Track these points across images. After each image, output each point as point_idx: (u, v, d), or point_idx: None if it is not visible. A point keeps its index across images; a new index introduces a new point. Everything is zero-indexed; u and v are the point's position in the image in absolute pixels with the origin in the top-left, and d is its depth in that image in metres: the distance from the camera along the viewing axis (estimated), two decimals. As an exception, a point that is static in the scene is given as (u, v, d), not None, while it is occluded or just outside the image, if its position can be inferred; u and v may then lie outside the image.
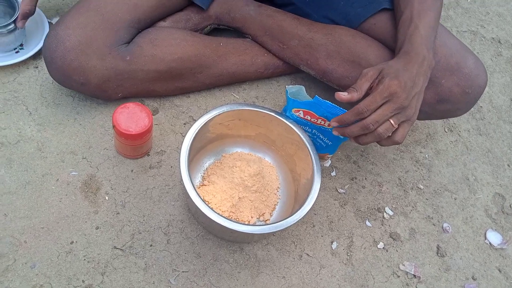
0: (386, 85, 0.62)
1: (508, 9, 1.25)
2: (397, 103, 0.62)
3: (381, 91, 0.62)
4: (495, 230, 0.86)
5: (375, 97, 0.62)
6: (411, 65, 0.65)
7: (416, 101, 0.65)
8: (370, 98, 0.62)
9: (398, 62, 0.66)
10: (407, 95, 0.63)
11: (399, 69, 0.64)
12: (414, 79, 0.64)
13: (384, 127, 0.63)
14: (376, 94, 0.62)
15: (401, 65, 0.65)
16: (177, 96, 0.87)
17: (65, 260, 0.68)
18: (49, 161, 0.76)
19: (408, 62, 0.65)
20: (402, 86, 0.62)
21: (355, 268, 0.76)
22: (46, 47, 0.72)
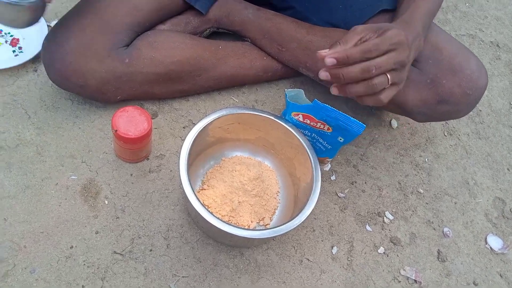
0: (395, 33, 0.58)
1: (506, 13, 1.25)
2: (401, 55, 0.59)
3: (390, 36, 0.58)
4: (496, 234, 0.86)
5: (384, 40, 0.58)
6: (407, 33, 0.62)
7: (408, 66, 0.62)
8: (379, 40, 0.58)
9: (396, 26, 0.63)
10: (410, 53, 0.60)
11: (400, 28, 0.61)
12: (411, 45, 0.61)
13: (380, 79, 0.59)
14: (386, 38, 0.58)
15: (399, 27, 0.62)
16: (176, 99, 0.87)
17: (65, 265, 0.67)
18: (48, 165, 0.75)
19: (405, 29, 0.62)
20: (410, 41, 0.60)
21: (356, 273, 0.76)
22: (45, 50, 0.72)
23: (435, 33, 0.74)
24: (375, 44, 0.57)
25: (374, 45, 0.57)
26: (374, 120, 0.94)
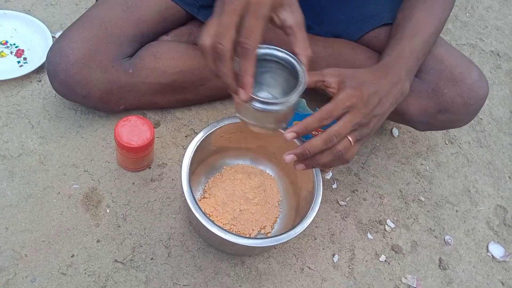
0: (348, 95, 0.56)
1: (506, 23, 1.26)
2: (357, 117, 0.56)
3: (342, 99, 0.56)
4: (497, 242, 0.86)
5: (337, 105, 0.55)
6: (384, 81, 0.60)
7: (376, 122, 0.60)
8: (331, 105, 0.55)
9: (370, 73, 0.60)
10: (368, 112, 0.57)
11: (366, 80, 0.58)
12: (382, 98, 0.59)
13: (343, 144, 0.57)
14: (338, 101, 0.56)
15: (371, 77, 0.60)
16: (178, 108, 0.87)
17: (66, 273, 0.68)
18: (50, 174, 0.76)
19: (382, 77, 0.60)
20: (365, 100, 0.57)
21: (357, 281, 0.76)
22: (50, 61, 0.73)
23: (437, 44, 0.74)
24: (328, 111, 0.55)
25: (327, 112, 0.55)
26: (375, 128, 0.94)
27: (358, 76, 0.59)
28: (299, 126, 0.56)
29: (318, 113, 0.56)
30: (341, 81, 0.58)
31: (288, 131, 0.56)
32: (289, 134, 0.56)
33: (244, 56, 0.48)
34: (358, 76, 0.59)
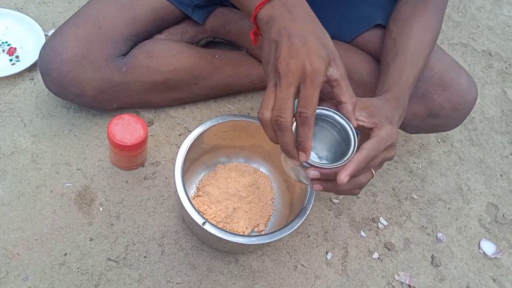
0: (389, 133, 0.53)
1: (497, 23, 1.27)
2: (390, 154, 0.55)
3: (385, 137, 0.53)
4: (489, 239, 0.87)
5: (380, 143, 0.52)
6: (398, 113, 0.59)
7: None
8: (376, 143, 0.52)
9: (388, 106, 0.59)
10: (395, 146, 0.56)
11: (389, 116, 0.57)
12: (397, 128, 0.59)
13: (367, 177, 0.54)
14: (381, 139, 0.52)
15: (390, 111, 0.58)
16: (172, 107, 0.87)
17: (58, 272, 0.67)
18: (43, 173, 0.75)
19: (396, 109, 0.60)
20: (397, 136, 0.55)
21: (350, 278, 0.76)
22: (42, 59, 0.73)
23: None
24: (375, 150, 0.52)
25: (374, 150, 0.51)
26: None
27: (382, 108, 0.57)
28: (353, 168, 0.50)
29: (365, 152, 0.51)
30: (371, 114, 0.55)
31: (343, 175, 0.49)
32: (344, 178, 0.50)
33: (304, 125, 0.49)
34: (382, 108, 0.57)
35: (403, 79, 0.65)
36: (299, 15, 0.52)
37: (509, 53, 1.20)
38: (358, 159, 0.50)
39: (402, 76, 0.65)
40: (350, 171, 0.49)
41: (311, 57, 0.48)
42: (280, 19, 0.52)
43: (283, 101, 0.48)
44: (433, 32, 0.72)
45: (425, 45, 0.70)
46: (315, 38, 0.51)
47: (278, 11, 0.52)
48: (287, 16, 0.52)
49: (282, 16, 0.52)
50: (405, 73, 0.66)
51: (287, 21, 0.51)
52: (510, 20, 1.29)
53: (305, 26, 0.52)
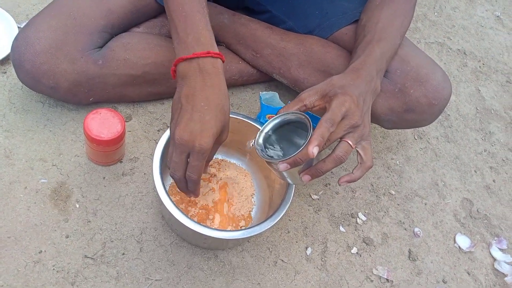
0: (341, 101, 0.58)
1: (472, 23, 1.30)
2: (352, 120, 0.58)
3: (338, 105, 0.57)
4: (464, 234, 0.89)
5: (334, 111, 0.57)
6: (360, 81, 0.62)
7: (368, 118, 0.62)
8: (329, 114, 0.57)
9: (345, 78, 0.63)
10: (360, 112, 0.59)
11: (345, 84, 0.61)
12: (364, 96, 0.62)
13: (343, 149, 0.58)
14: (334, 108, 0.57)
15: (348, 80, 0.62)
16: (151, 102, 0.86)
17: (33, 270, 0.66)
18: (17, 169, 0.73)
19: (357, 78, 0.63)
20: (355, 102, 0.59)
21: (330, 273, 0.77)
22: (15, 50, 0.70)
23: (402, 45, 0.76)
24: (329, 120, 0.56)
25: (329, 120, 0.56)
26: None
27: (335, 83, 0.61)
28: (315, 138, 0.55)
29: (321, 123, 0.56)
30: (323, 95, 0.60)
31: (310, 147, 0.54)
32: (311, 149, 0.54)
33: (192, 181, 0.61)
34: (335, 83, 0.61)
35: (366, 52, 0.67)
36: (210, 85, 0.59)
37: (482, 53, 1.23)
38: (317, 131, 0.55)
39: (365, 50, 0.68)
40: (314, 142, 0.54)
41: (202, 136, 0.57)
42: (192, 83, 0.59)
43: (177, 165, 0.59)
44: (403, 17, 0.73)
45: (393, 28, 0.72)
46: (215, 113, 0.58)
47: (193, 74, 0.59)
48: (199, 83, 0.58)
49: (195, 81, 0.59)
50: (369, 47, 0.68)
51: (197, 88, 0.58)
52: (483, 20, 1.32)
53: (211, 97, 0.58)
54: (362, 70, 0.64)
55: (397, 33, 0.72)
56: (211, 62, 0.60)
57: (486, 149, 1.04)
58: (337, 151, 0.58)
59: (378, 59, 0.67)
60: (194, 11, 0.62)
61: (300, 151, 0.56)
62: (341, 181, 0.62)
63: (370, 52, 0.67)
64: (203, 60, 0.59)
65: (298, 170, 0.60)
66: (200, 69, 0.59)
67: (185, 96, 0.59)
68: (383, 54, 0.68)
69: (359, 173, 0.61)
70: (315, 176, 0.60)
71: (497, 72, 1.21)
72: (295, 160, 0.57)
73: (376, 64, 0.67)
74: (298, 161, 0.57)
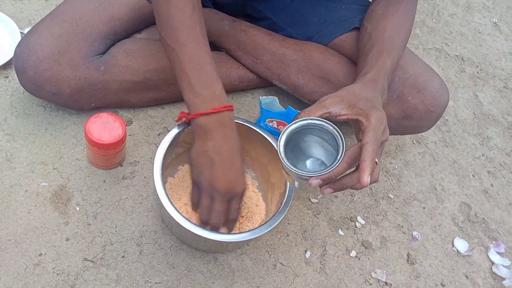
0: (379, 118, 0.55)
1: (469, 29, 1.32)
2: (385, 137, 0.56)
3: (377, 123, 0.55)
4: (462, 237, 0.89)
5: (375, 131, 0.54)
6: (377, 93, 0.61)
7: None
8: (372, 134, 0.53)
9: (366, 89, 0.61)
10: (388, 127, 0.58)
11: (369, 97, 0.59)
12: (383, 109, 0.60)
13: (376, 171, 0.55)
14: (375, 127, 0.54)
15: (369, 92, 0.60)
16: (151, 107, 0.87)
17: (33, 273, 0.66)
18: (18, 172, 0.74)
19: (375, 89, 0.62)
20: (385, 118, 0.57)
21: (329, 276, 0.77)
22: (18, 57, 0.71)
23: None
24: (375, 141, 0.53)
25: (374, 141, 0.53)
26: (346, 127, 0.97)
27: (359, 93, 0.59)
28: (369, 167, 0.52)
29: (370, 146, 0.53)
30: (350, 105, 0.57)
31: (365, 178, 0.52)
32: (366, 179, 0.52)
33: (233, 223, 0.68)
34: (359, 94, 0.59)
35: (379, 63, 0.67)
36: (230, 137, 0.63)
37: (480, 58, 1.25)
38: (369, 156, 0.52)
39: (378, 61, 0.67)
40: (368, 171, 0.51)
41: (241, 181, 0.63)
42: (215, 137, 0.62)
43: (219, 213, 0.63)
44: (406, 29, 0.74)
45: (399, 39, 0.72)
46: (240, 161, 0.64)
47: (214, 128, 0.62)
48: (221, 137, 0.62)
49: (218, 135, 0.62)
50: (381, 58, 0.67)
51: (221, 141, 0.62)
52: (480, 27, 1.34)
53: (234, 147, 0.63)
54: (378, 81, 0.64)
55: (402, 43, 0.73)
56: (228, 115, 0.63)
57: (484, 153, 1.04)
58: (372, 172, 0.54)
59: (389, 70, 0.67)
60: (207, 63, 0.63)
61: (335, 168, 0.53)
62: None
63: (383, 63, 0.66)
64: (222, 114, 0.62)
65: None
66: (220, 123, 0.62)
67: (213, 150, 0.62)
68: (392, 66, 0.68)
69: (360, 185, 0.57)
70: (338, 190, 0.57)
71: (494, 77, 1.22)
72: (330, 177, 0.54)
73: (388, 75, 0.67)
74: (332, 178, 0.54)
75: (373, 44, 0.71)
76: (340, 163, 0.53)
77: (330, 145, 0.58)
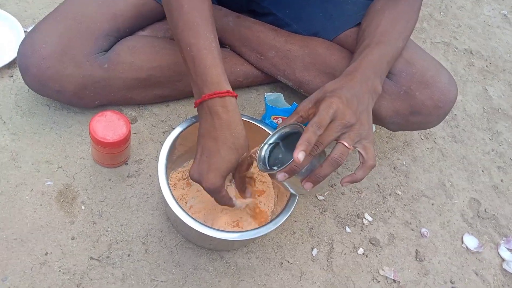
0: (328, 103, 0.58)
1: (478, 22, 1.30)
2: (343, 119, 0.57)
3: (324, 107, 0.57)
4: (471, 234, 0.88)
5: (321, 114, 0.56)
6: (353, 83, 0.62)
7: (366, 117, 0.61)
8: (316, 117, 0.56)
9: (338, 82, 0.63)
10: (353, 111, 0.58)
11: (336, 88, 0.61)
12: (359, 96, 0.61)
13: (338, 151, 0.57)
14: (321, 110, 0.57)
15: (340, 84, 0.62)
16: (156, 104, 0.86)
17: (39, 272, 0.66)
18: (23, 171, 0.74)
19: (350, 80, 0.62)
20: (344, 102, 0.58)
21: (336, 274, 0.76)
22: (21, 55, 0.71)
23: (408, 47, 0.76)
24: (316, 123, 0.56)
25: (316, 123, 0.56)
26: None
27: (327, 88, 0.62)
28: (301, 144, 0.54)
29: (308, 127, 0.55)
30: (315, 102, 0.61)
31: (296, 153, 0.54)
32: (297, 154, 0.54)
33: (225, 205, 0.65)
34: (327, 89, 0.62)
35: (362, 56, 0.67)
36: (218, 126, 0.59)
37: (489, 52, 1.22)
38: (303, 136, 0.55)
39: (362, 54, 0.67)
40: (299, 148, 0.54)
41: (209, 177, 0.59)
42: (203, 126, 0.61)
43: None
44: (405, 22, 0.73)
45: (395, 32, 0.71)
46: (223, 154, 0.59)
47: (204, 117, 0.61)
48: (209, 125, 0.60)
49: (205, 124, 0.60)
50: (366, 51, 0.67)
51: (207, 131, 0.60)
52: (489, 19, 1.31)
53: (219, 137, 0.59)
54: (355, 72, 0.64)
55: (399, 36, 0.71)
56: (219, 102, 0.59)
57: (493, 148, 1.03)
58: (332, 153, 0.57)
59: (376, 61, 0.66)
60: (201, 48, 0.61)
61: (291, 161, 0.55)
62: (343, 181, 0.61)
63: (366, 55, 0.67)
64: (211, 102, 0.59)
65: (300, 179, 0.59)
66: (209, 111, 0.60)
67: (198, 138, 0.61)
68: (382, 56, 0.67)
69: (362, 173, 0.60)
70: (316, 182, 0.58)
71: (504, 71, 1.19)
72: (291, 168, 0.55)
73: (374, 66, 0.66)
74: (294, 168, 0.56)
75: (363, 40, 0.71)
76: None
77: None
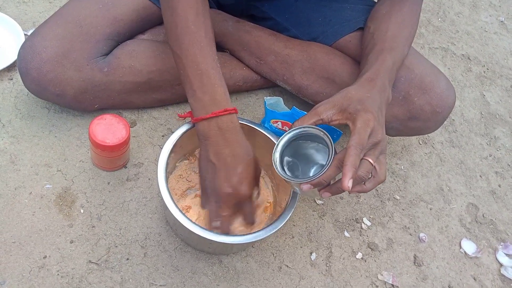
0: (365, 120, 0.56)
1: (475, 28, 1.30)
2: (376, 138, 0.56)
3: (363, 127, 0.55)
4: (470, 239, 0.88)
5: (360, 135, 0.55)
6: (375, 92, 0.61)
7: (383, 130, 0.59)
8: (357, 137, 0.54)
9: (361, 89, 0.61)
10: (382, 128, 0.57)
11: (362, 98, 0.59)
12: (381, 109, 0.60)
13: (365, 168, 0.55)
14: (360, 130, 0.55)
15: (364, 93, 0.60)
16: (155, 108, 0.87)
17: (37, 275, 0.66)
18: (22, 174, 0.74)
19: (372, 88, 0.61)
20: (376, 119, 0.57)
21: (334, 278, 0.76)
22: (22, 58, 0.71)
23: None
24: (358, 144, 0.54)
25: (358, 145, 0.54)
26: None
27: (352, 96, 0.59)
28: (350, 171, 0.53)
29: (351, 150, 0.53)
30: (341, 109, 0.59)
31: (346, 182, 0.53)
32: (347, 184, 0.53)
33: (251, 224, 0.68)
34: (352, 97, 0.59)
35: (379, 62, 0.66)
36: (231, 141, 0.62)
37: (486, 58, 1.23)
38: (349, 160, 0.53)
39: (378, 60, 0.67)
40: (348, 175, 0.53)
41: (242, 186, 0.61)
42: (215, 142, 0.62)
43: (227, 217, 0.62)
44: (410, 28, 0.73)
45: (403, 38, 0.71)
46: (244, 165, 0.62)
47: (214, 134, 0.62)
48: (221, 141, 0.61)
49: (217, 140, 0.62)
50: (381, 57, 0.67)
51: (221, 146, 0.61)
52: (487, 25, 1.32)
53: (236, 151, 0.62)
54: (376, 80, 0.63)
55: (406, 43, 0.72)
56: (229, 118, 0.62)
57: (491, 154, 1.03)
58: (359, 171, 0.55)
59: (390, 68, 0.66)
60: (209, 68, 0.63)
61: (324, 173, 0.54)
62: (352, 191, 0.58)
63: (383, 61, 0.66)
64: (221, 119, 0.62)
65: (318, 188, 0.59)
66: (219, 127, 0.62)
67: (214, 156, 0.62)
68: (394, 64, 0.67)
69: (371, 185, 0.58)
70: (336, 194, 0.58)
71: (501, 77, 1.20)
72: (320, 182, 0.56)
73: (389, 73, 0.66)
74: (322, 183, 0.56)
75: (375, 44, 0.71)
76: (328, 168, 0.55)
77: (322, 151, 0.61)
